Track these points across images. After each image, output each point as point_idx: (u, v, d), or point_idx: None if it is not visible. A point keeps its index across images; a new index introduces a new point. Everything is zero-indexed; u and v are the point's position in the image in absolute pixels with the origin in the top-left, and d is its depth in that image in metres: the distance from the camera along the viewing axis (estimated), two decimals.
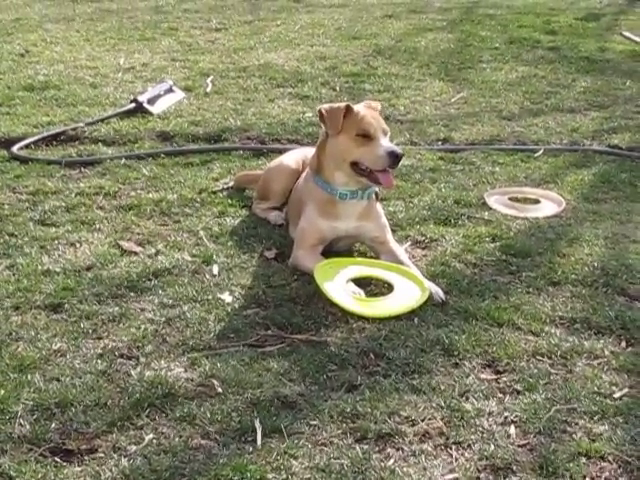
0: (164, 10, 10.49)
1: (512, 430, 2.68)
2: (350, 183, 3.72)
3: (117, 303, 3.42)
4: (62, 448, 2.57)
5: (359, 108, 3.76)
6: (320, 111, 3.73)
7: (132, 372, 2.94)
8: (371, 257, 3.88)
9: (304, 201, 3.86)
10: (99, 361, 3.01)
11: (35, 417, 2.69)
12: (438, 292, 3.49)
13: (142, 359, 3.03)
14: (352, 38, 8.94)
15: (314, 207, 3.79)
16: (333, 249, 3.87)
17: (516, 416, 2.75)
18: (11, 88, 6.69)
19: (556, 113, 6.38)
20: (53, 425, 2.66)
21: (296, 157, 4.37)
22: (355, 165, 3.68)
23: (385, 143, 3.61)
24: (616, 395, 2.86)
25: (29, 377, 2.89)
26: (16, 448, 2.56)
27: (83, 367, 2.97)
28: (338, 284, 3.51)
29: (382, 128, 3.67)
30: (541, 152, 5.47)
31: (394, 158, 3.57)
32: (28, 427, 2.64)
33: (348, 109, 3.69)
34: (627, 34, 9.08)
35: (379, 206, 3.90)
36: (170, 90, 6.52)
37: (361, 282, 3.61)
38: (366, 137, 3.63)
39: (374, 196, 3.85)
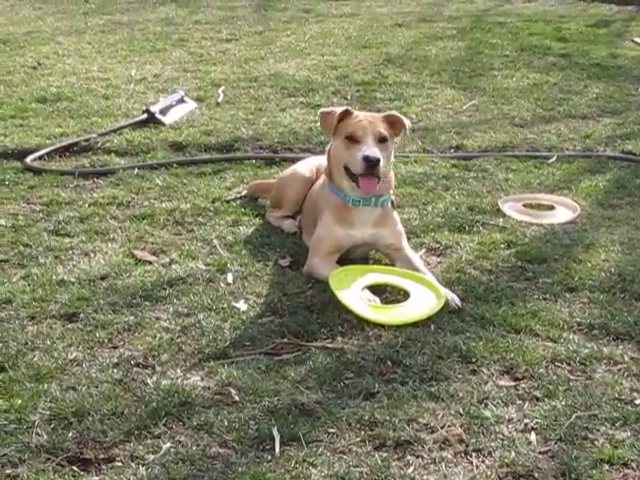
0: (175, 22, 10.52)
1: (532, 437, 2.66)
2: (351, 189, 3.71)
3: (132, 312, 3.42)
4: (80, 457, 2.56)
5: (361, 113, 3.76)
6: (319, 114, 3.80)
7: (148, 381, 2.93)
8: (386, 264, 3.87)
9: (320, 208, 3.85)
10: (115, 370, 3.00)
11: (52, 426, 2.68)
12: (454, 299, 3.47)
13: (158, 368, 3.02)
14: (362, 47, 8.94)
15: (330, 214, 3.78)
16: (349, 257, 3.86)
17: (536, 423, 2.72)
18: (24, 100, 6.71)
19: (568, 119, 6.36)
20: (70, 434, 2.65)
21: (309, 165, 4.36)
22: (347, 169, 3.68)
23: (367, 147, 3.59)
24: (637, 401, 2.83)
25: (45, 386, 2.88)
26: (34, 457, 2.55)
27: (99, 376, 2.96)
28: (353, 291, 3.49)
29: (374, 133, 3.64)
30: (555, 158, 5.45)
31: (368, 162, 3.55)
32: (45, 436, 2.64)
33: (347, 113, 3.70)
34: (638, 40, 9.05)
35: (395, 214, 3.88)
36: (182, 100, 6.53)
37: (376, 289, 3.59)
38: (353, 140, 3.62)
39: (390, 204, 3.83)
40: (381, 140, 3.65)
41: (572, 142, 5.82)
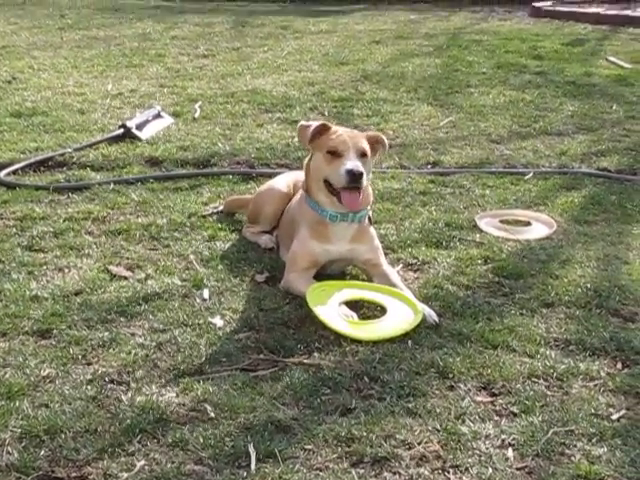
0: (151, 37, 10.52)
1: (510, 453, 2.65)
2: (330, 204, 3.71)
3: (107, 328, 3.39)
4: (52, 476, 2.52)
5: (339, 128, 3.78)
6: (297, 127, 3.84)
7: (123, 398, 2.90)
8: (364, 280, 3.87)
9: (297, 223, 3.85)
10: (89, 387, 2.97)
11: (23, 444, 2.64)
12: (431, 314, 3.47)
13: (133, 384, 2.99)
14: (340, 64, 8.98)
15: (306, 229, 3.78)
16: (326, 272, 3.85)
17: (513, 439, 2.72)
18: None
19: (544, 136, 6.41)
20: (42, 452, 2.61)
21: (287, 180, 4.36)
22: (327, 183, 3.68)
23: (349, 161, 3.60)
24: (614, 417, 2.84)
25: (17, 404, 2.84)
26: (4, 477, 2.50)
27: (73, 393, 2.92)
28: (331, 307, 3.49)
29: (356, 148, 3.65)
30: (531, 175, 5.49)
31: (352, 176, 3.56)
32: (16, 455, 2.59)
33: (325, 127, 3.73)
34: (612, 59, 9.16)
35: (372, 229, 3.89)
36: (158, 116, 6.52)
37: (354, 305, 3.59)
38: (335, 154, 3.64)
39: (367, 220, 3.84)
40: (362, 155, 3.66)
41: (548, 159, 5.87)
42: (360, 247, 3.79)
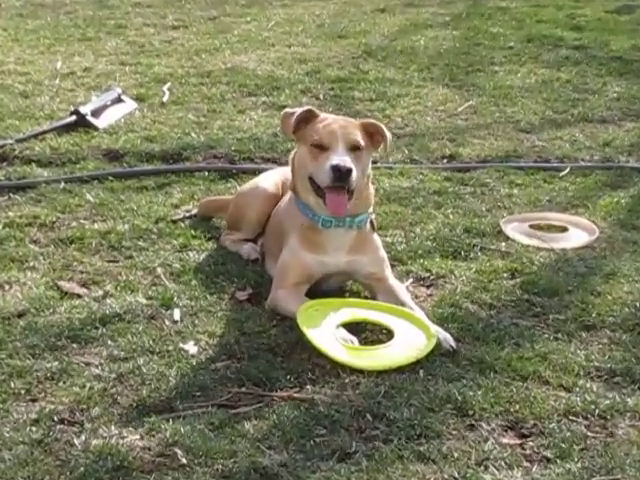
0: (110, 4, 10.56)
1: None
2: (320, 206, 3.73)
3: (56, 357, 3.40)
4: None
5: (329, 116, 3.81)
6: (281, 114, 3.89)
7: (75, 441, 2.91)
8: (366, 297, 3.89)
9: (286, 229, 3.88)
10: (34, 428, 2.97)
11: None
12: (447, 339, 3.49)
13: (87, 425, 3.00)
14: (337, 37, 9.02)
15: (297, 237, 3.80)
16: (321, 288, 3.87)
17: None
18: None
19: (584, 124, 6.45)
20: None
21: (274, 178, 4.39)
22: (312, 182, 3.71)
23: (336, 155, 3.61)
24: None
25: None
26: None
27: (14, 436, 2.93)
28: (326, 330, 3.50)
29: (346, 139, 3.66)
30: (568, 171, 5.52)
31: (337, 173, 3.57)
32: None
33: (310, 114, 3.75)
34: None
35: (376, 237, 3.91)
36: (119, 100, 6.54)
37: (354, 328, 3.60)
38: (320, 147, 3.66)
39: (368, 225, 3.86)
40: (353, 148, 3.68)
41: (589, 151, 5.90)
42: (361, 258, 3.81)
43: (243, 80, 7.36)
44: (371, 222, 3.88)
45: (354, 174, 3.60)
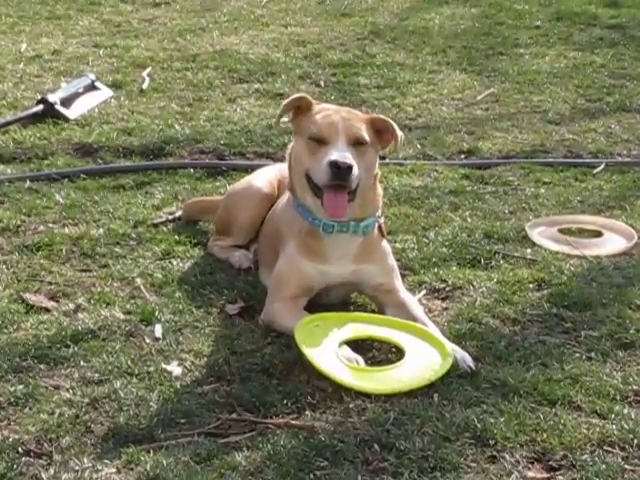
0: None
1: None
2: (319, 208, 3.74)
3: (21, 379, 3.40)
4: None
5: (330, 106, 3.83)
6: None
7: (43, 475, 2.92)
8: (373, 311, 3.90)
9: (283, 234, 3.89)
10: None
11: None
12: (465, 358, 3.50)
13: (57, 456, 3.01)
14: (340, 15, 9.04)
15: (295, 243, 3.81)
16: (322, 301, 3.89)
17: None
18: None
19: (621, 114, 6.47)
20: None
21: (269, 177, 4.40)
22: (309, 180, 3.72)
23: (336, 150, 3.61)
24: None
25: None
26: None
27: None
28: (328, 349, 3.51)
29: (349, 132, 3.67)
30: (602, 167, 5.54)
31: (335, 170, 3.57)
32: None
33: (304, 102, 3.78)
34: None
35: (385, 243, 3.92)
36: (92, 87, 6.55)
37: (359, 346, 3.61)
38: (319, 141, 3.68)
39: (376, 230, 3.87)
40: (356, 143, 3.69)
41: (626, 145, 5.92)
42: (368, 268, 3.82)
43: (233, 65, 7.38)
44: (379, 227, 3.89)
45: (355, 171, 3.60)
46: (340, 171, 3.56)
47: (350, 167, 3.57)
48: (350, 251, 3.81)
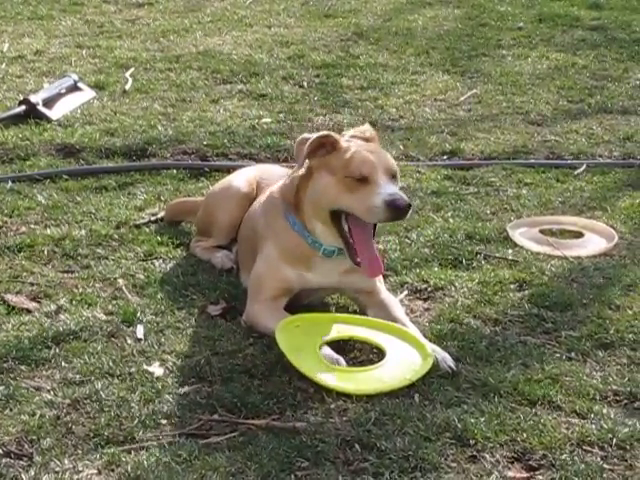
0: None
1: None
2: (329, 237, 3.74)
3: (2, 381, 3.40)
4: None
5: (351, 140, 3.80)
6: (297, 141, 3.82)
7: (23, 476, 2.91)
8: (355, 312, 3.91)
9: (262, 236, 3.88)
10: None
11: None
12: (446, 358, 3.52)
13: (37, 458, 3.00)
14: (324, 16, 9.04)
15: (275, 246, 3.81)
16: (302, 302, 3.90)
17: None
18: None
19: (603, 115, 6.49)
20: None
21: (248, 177, 4.40)
22: (337, 217, 3.70)
23: (387, 189, 3.60)
24: None
25: None
26: None
27: None
28: (309, 349, 3.51)
29: (386, 168, 3.68)
30: (583, 168, 5.56)
31: (395, 210, 3.58)
32: None
33: (330, 140, 3.72)
34: None
35: None
36: (75, 88, 6.54)
37: (341, 346, 3.62)
38: (361, 181, 3.65)
39: None
40: (394, 176, 3.71)
41: (607, 146, 5.94)
42: (353, 276, 3.81)
43: (217, 65, 7.38)
44: None
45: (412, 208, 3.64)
46: (401, 210, 3.58)
47: (410, 205, 3.59)
48: (340, 268, 3.81)
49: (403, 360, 3.50)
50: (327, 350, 3.55)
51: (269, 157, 5.61)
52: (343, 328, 3.71)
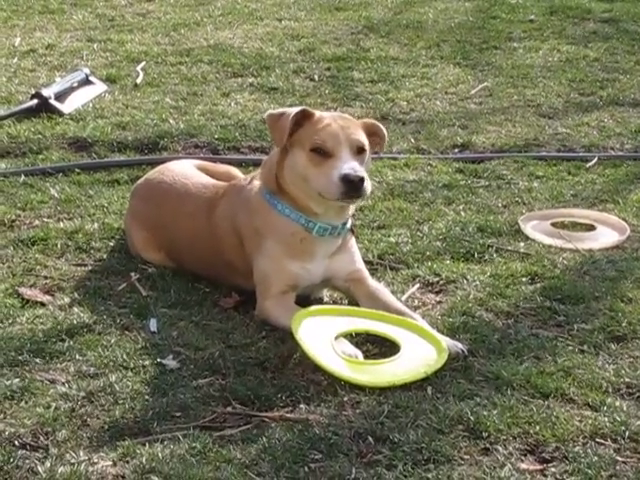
0: None
1: None
2: (331, 212, 3.76)
3: (17, 373, 3.41)
4: None
5: (325, 113, 3.82)
6: (266, 117, 3.86)
7: (39, 468, 2.92)
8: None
9: (261, 235, 3.85)
10: None
11: None
12: (456, 343, 3.55)
13: (53, 449, 3.02)
14: (335, 9, 9.03)
15: (277, 244, 3.81)
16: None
17: None
18: None
19: (614, 108, 6.48)
20: None
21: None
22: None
23: (344, 163, 3.60)
24: None
25: None
26: None
27: None
28: (324, 341, 3.52)
29: (350, 142, 3.67)
30: (595, 161, 5.56)
31: (348, 184, 3.57)
32: None
33: (305, 115, 3.74)
34: None
35: (350, 235, 3.95)
36: (86, 81, 6.55)
37: (354, 339, 3.64)
38: (322, 154, 3.66)
39: (350, 231, 3.94)
40: (359, 151, 3.70)
41: (619, 139, 5.93)
42: (340, 256, 3.86)
43: (227, 59, 7.38)
44: (352, 227, 3.96)
45: (367, 183, 3.61)
46: (353, 185, 3.57)
47: (362, 179, 3.58)
48: (332, 250, 3.85)
49: (418, 354, 3.51)
50: (345, 343, 3.56)
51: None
52: (358, 321, 3.72)
